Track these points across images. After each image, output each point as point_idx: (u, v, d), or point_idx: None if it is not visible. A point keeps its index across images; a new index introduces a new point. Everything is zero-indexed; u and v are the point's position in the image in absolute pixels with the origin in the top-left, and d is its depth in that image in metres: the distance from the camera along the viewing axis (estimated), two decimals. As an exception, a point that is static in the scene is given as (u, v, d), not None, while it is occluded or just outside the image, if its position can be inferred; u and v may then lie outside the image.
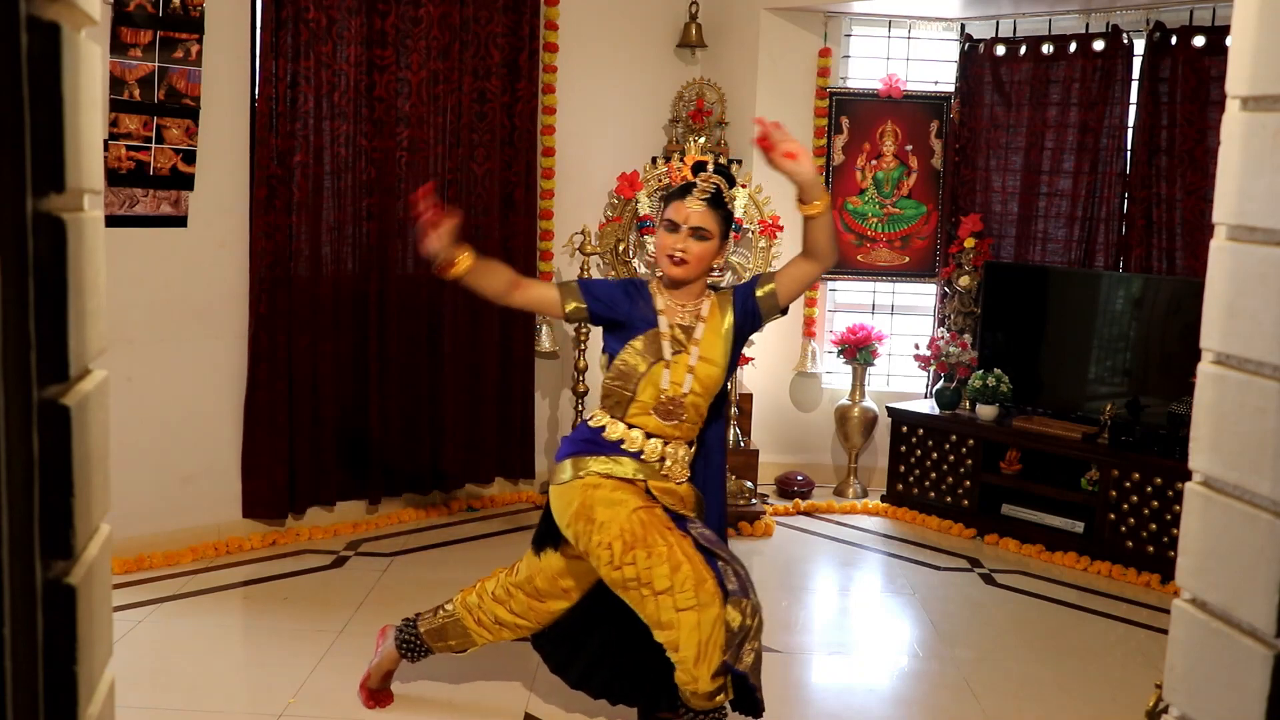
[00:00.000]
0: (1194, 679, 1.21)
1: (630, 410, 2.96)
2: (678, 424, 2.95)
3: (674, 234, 2.92)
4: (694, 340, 2.95)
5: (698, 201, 2.93)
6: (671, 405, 2.92)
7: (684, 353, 2.93)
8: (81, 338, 0.96)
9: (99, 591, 1.03)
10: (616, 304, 2.97)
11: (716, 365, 2.96)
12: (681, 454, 2.98)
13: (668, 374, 2.91)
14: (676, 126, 5.79)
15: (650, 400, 2.93)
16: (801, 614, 4.43)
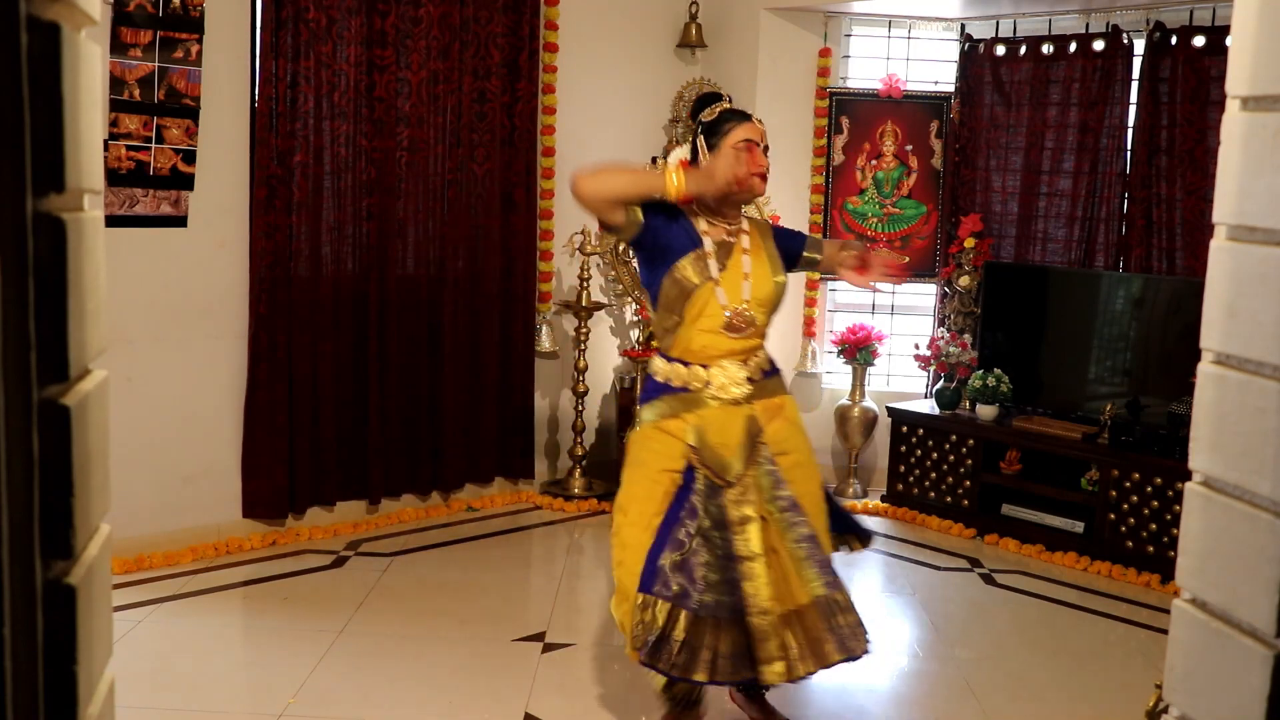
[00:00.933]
0: (1194, 679, 1.21)
1: (676, 339, 2.99)
2: (740, 337, 2.98)
3: (754, 153, 2.99)
4: (743, 250, 3.02)
5: (758, 122, 3.05)
6: (739, 318, 2.96)
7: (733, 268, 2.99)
8: (81, 338, 0.96)
9: (99, 591, 1.03)
10: (667, 225, 2.99)
11: (767, 281, 3.02)
12: (734, 371, 2.98)
13: (722, 291, 2.95)
14: (676, 126, 5.79)
15: (712, 319, 2.95)
16: (801, 614, 4.43)
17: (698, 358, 2.98)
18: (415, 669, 3.63)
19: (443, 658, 3.72)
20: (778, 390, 3.08)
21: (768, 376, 3.06)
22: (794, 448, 3.03)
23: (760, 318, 3.01)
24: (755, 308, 2.99)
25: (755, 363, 3.03)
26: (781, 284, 3.06)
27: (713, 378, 2.97)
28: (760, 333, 3.03)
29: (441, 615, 4.07)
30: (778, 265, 3.06)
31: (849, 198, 5.87)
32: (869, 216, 5.88)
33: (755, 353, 3.03)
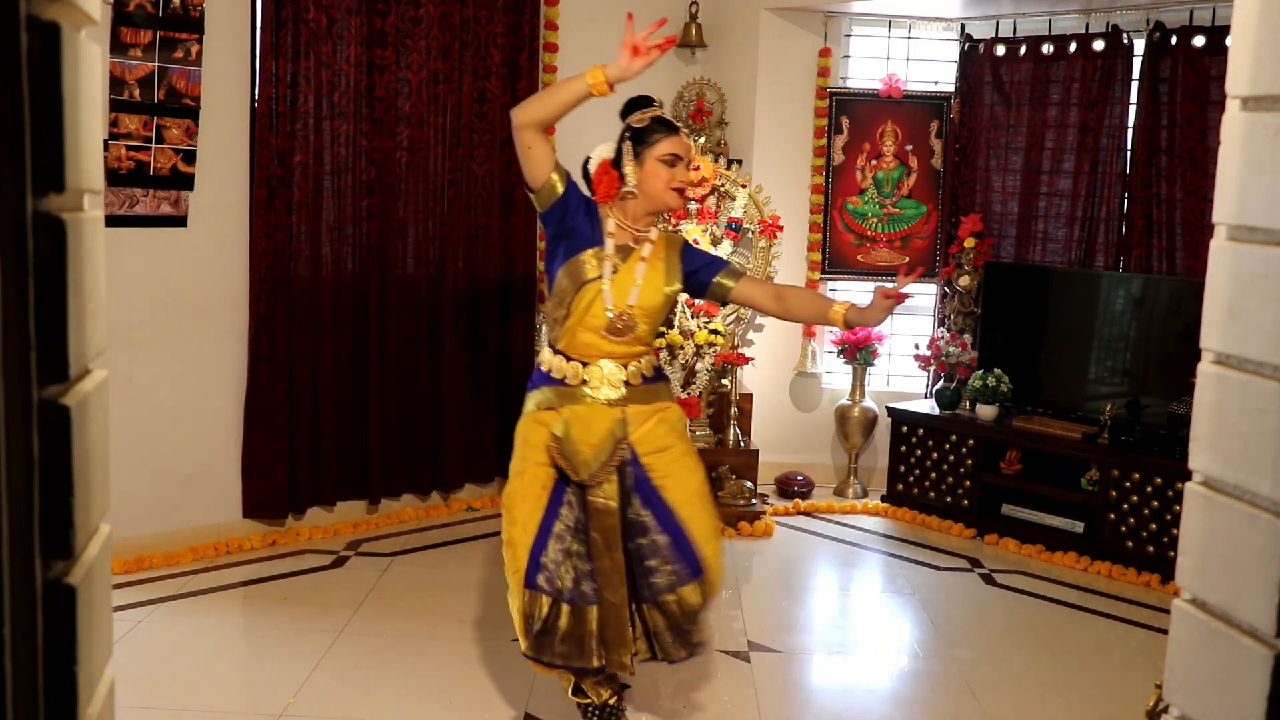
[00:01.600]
0: (1194, 679, 1.21)
1: (563, 331, 3.05)
2: (620, 341, 3.01)
3: (675, 168, 3.02)
4: (641, 258, 3.03)
5: (686, 135, 3.09)
6: (620, 323, 2.99)
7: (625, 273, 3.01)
8: (81, 338, 0.96)
9: (99, 591, 1.03)
10: (576, 212, 3.03)
11: (659, 293, 3.03)
12: (610, 373, 3.02)
13: (609, 293, 2.98)
14: (676, 126, 5.79)
15: (595, 319, 2.99)
16: (801, 614, 4.43)
17: (579, 354, 3.04)
18: (415, 669, 3.63)
19: (442, 658, 3.72)
20: (659, 397, 3.10)
21: (649, 383, 3.08)
22: (671, 444, 3.05)
23: (643, 325, 3.01)
24: (639, 315, 2.99)
25: (636, 368, 3.04)
26: (671, 294, 3.06)
27: (590, 376, 3.02)
28: (643, 340, 3.04)
29: (441, 615, 4.07)
30: (674, 277, 3.06)
31: (849, 198, 5.87)
32: (869, 216, 5.88)
33: (637, 358, 3.05)
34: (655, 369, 3.12)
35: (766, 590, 4.65)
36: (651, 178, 3.01)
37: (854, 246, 5.89)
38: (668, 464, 3.02)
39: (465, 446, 5.29)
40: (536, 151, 2.98)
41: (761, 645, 3.94)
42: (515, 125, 2.97)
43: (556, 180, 2.99)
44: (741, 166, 5.62)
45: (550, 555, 2.94)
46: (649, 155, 3.02)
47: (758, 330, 5.91)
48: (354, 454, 4.96)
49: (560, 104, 2.95)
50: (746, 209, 5.49)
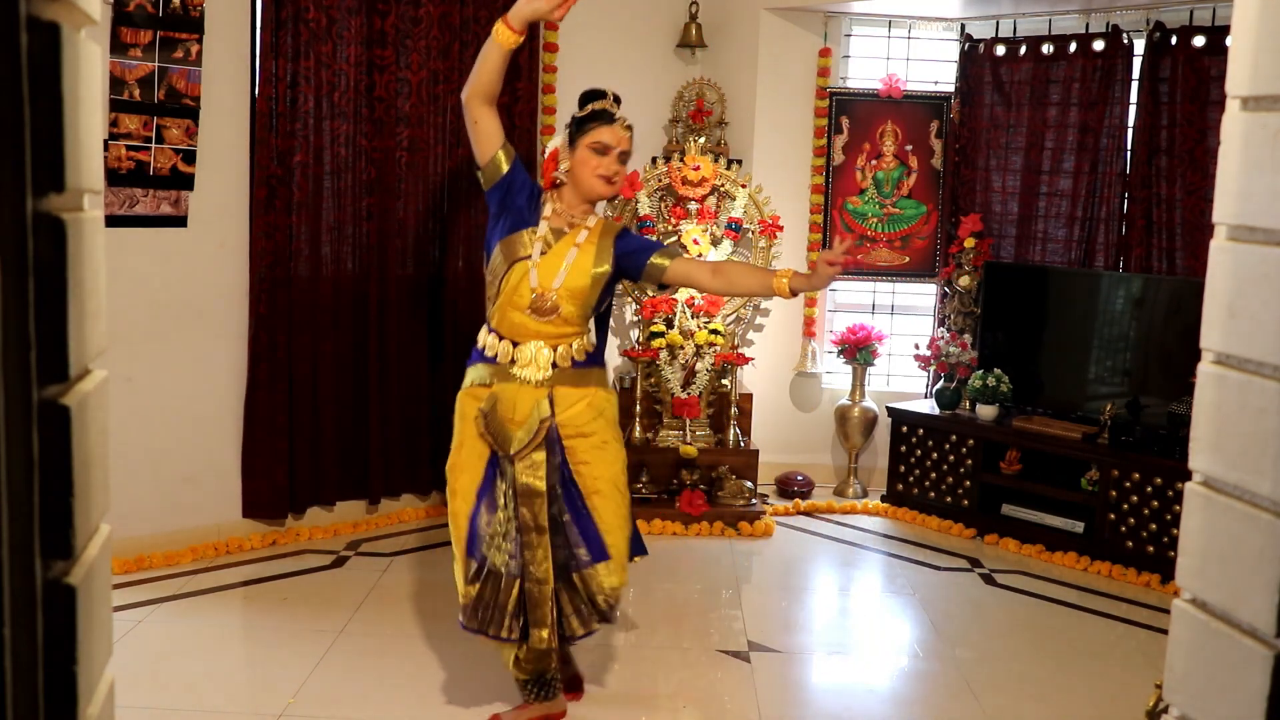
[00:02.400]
0: (1194, 679, 1.21)
1: (495, 309, 3.10)
2: (547, 322, 3.04)
3: (605, 156, 3.08)
4: (574, 244, 3.07)
5: (624, 128, 3.13)
6: (545, 302, 3.03)
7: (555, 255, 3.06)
8: (81, 338, 0.96)
9: (99, 591, 1.03)
10: (519, 192, 3.11)
11: (586, 275, 3.05)
12: (538, 353, 3.06)
13: (536, 273, 3.03)
14: (676, 126, 5.79)
15: (522, 298, 3.04)
16: (801, 614, 4.43)
17: (510, 333, 3.09)
18: (415, 669, 3.63)
19: (442, 658, 3.72)
20: (590, 382, 3.13)
21: (580, 367, 3.11)
22: (595, 430, 3.10)
23: (568, 308, 3.04)
24: (564, 297, 3.03)
25: (566, 351, 3.08)
26: (600, 275, 3.07)
27: (519, 355, 3.08)
28: (572, 322, 3.07)
29: (441, 615, 4.07)
30: (604, 259, 3.09)
31: (849, 198, 5.87)
32: (869, 216, 5.88)
33: (567, 340, 3.08)
34: (589, 354, 3.13)
35: (766, 590, 4.65)
36: (580, 165, 3.09)
37: (854, 246, 5.88)
38: (587, 449, 3.09)
39: (465, 446, 5.29)
40: (483, 126, 3.09)
41: (761, 645, 3.94)
42: (463, 102, 3.09)
43: (502, 158, 3.10)
44: (741, 166, 5.62)
45: (482, 524, 3.06)
46: (581, 143, 3.10)
47: (758, 330, 5.91)
48: (354, 454, 4.96)
49: (484, 67, 3.03)
50: (746, 209, 5.49)
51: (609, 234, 3.14)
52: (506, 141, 3.13)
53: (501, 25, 2.98)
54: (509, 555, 3.05)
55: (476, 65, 3.04)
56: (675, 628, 4.11)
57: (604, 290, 3.12)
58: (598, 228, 3.13)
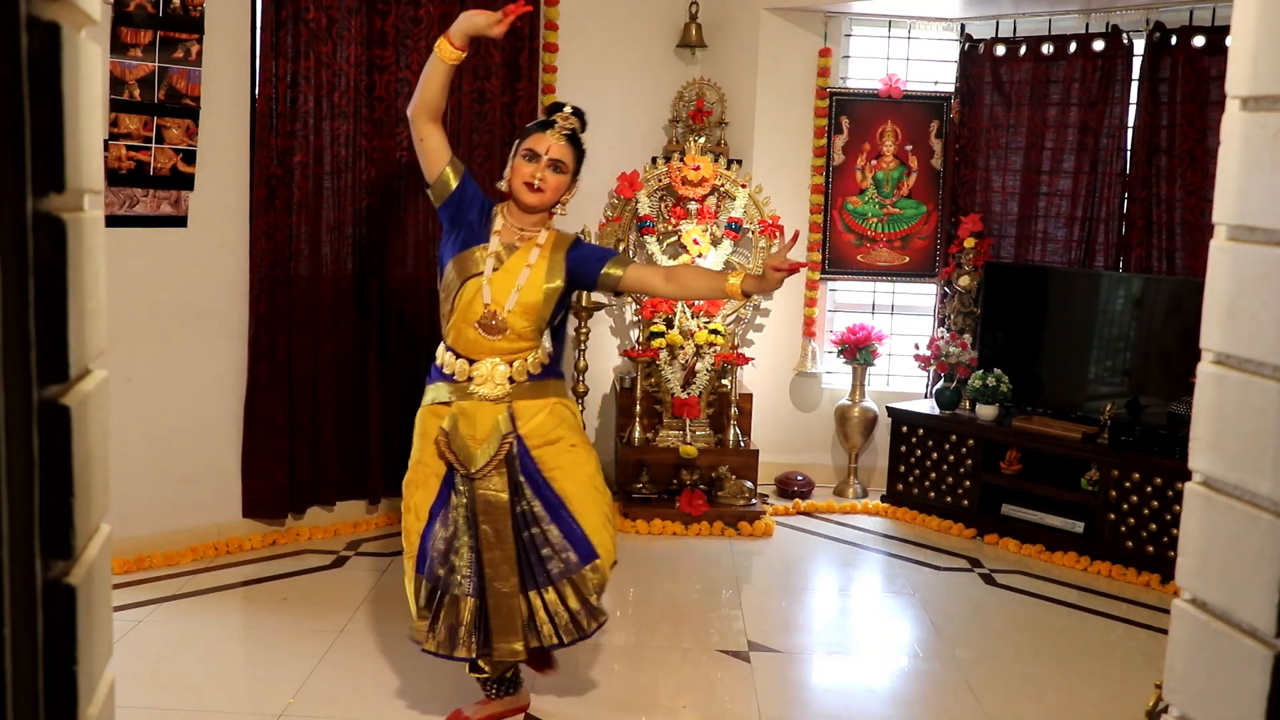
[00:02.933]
0: (1194, 679, 1.21)
1: (450, 326, 3.10)
2: (499, 339, 3.05)
3: (534, 163, 3.07)
4: (526, 263, 3.07)
5: (559, 135, 3.10)
6: (493, 320, 3.03)
7: (508, 271, 3.06)
8: (81, 338, 0.96)
9: (99, 591, 1.03)
10: (470, 207, 3.12)
11: (538, 290, 3.06)
12: (494, 370, 3.07)
13: (488, 289, 3.03)
14: (676, 126, 5.79)
15: (474, 315, 3.04)
16: (801, 614, 4.43)
17: (465, 351, 3.10)
18: (415, 669, 3.63)
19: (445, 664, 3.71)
20: (548, 393, 3.15)
21: (536, 379, 3.12)
22: (560, 436, 3.12)
23: (519, 323, 3.05)
24: (517, 314, 3.04)
25: (522, 365, 3.10)
26: (553, 290, 3.07)
27: (476, 373, 3.08)
28: (525, 337, 3.08)
29: (441, 615, 4.07)
30: (556, 274, 3.09)
31: (849, 198, 5.87)
32: (869, 216, 5.88)
33: (523, 354, 3.10)
34: (545, 366, 3.15)
35: (766, 590, 4.65)
36: (513, 172, 3.10)
37: (854, 246, 5.89)
38: (557, 455, 3.10)
39: (465, 446, 5.29)
40: (429, 143, 3.12)
41: (761, 645, 3.94)
42: (409, 120, 3.10)
43: (450, 174, 3.12)
44: (741, 166, 5.62)
45: (434, 542, 3.06)
46: (516, 151, 3.12)
47: (758, 330, 5.91)
48: (354, 454, 4.96)
49: (428, 84, 3.04)
50: (746, 209, 5.49)
51: (560, 247, 3.13)
52: (454, 157, 3.15)
53: (444, 41, 2.99)
54: (461, 576, 3.05)
55: (420, 82, 3.05)
56: (675, 628, 4.11)
57: (558, 304, 3.13)
58: (549, 242, 3.13)
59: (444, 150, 3.13)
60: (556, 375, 3.21)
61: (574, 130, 3.15)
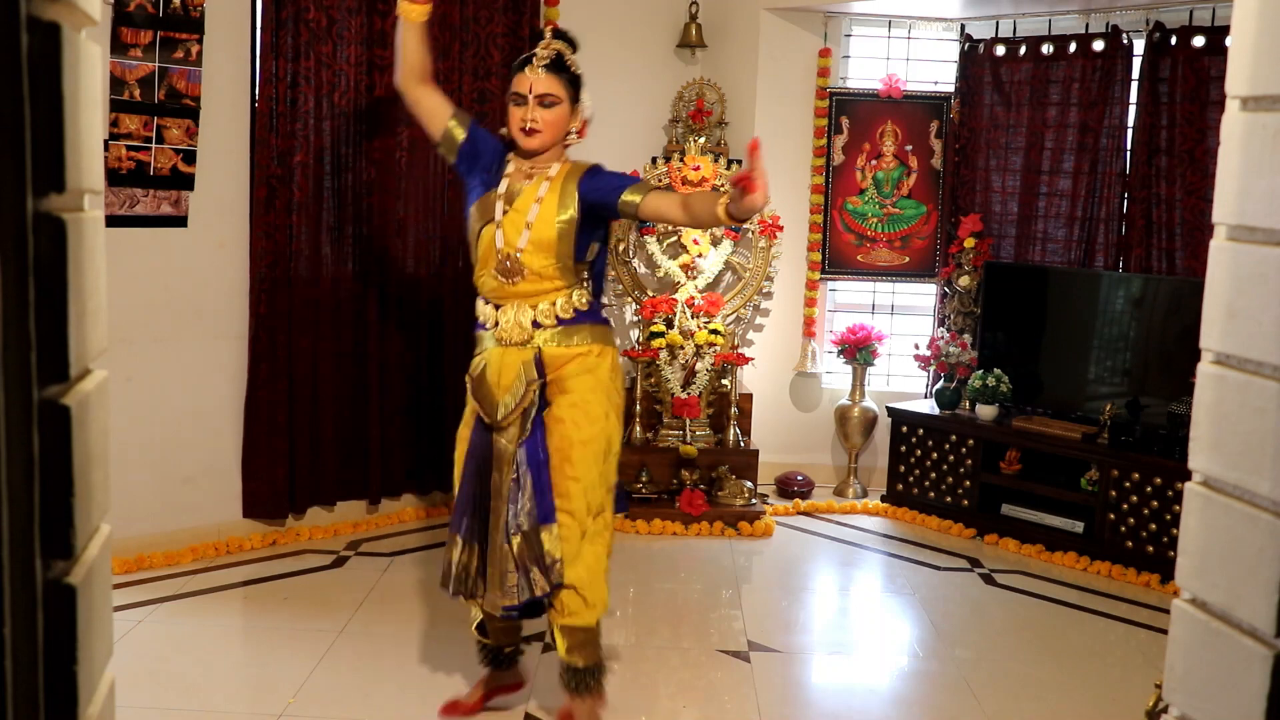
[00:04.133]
0: (1194, 679, 1.21)
1: (476, 275, 3.05)
2: (520, 281, 2.96)
3: (522, 106, 2.98)
4: (535, 198, 2.97)
5: (538, 69, 2.99)
6: (508, 262, 2.95)
7: (517, 211, 2.97)
8: (81, 338, 0.96)
9: (99, 591, 1.03)
10: (482, 154, 3.05)
11: (549, 224, 2.93)
12: (519, 314, 2.97)
13: (500, 233, 2.96)
14: (676, 126, 5.79)
15: (492, 260, 2.98)
16: (801, 614, 4.43)
17: (491, 297, 3.03)
18: (415, 669, 3.63)
19: (442, 658, 3.72)
20: (585, 340, 3.00)
21: (567, 323, 2.98)
22: (575, 388, 2.96)
23: (536, 261, 2.93)
24: (531, 252, 2.93)
25: (549, 308, 2.97)
26: (566, 222, 2.93)
27: (501, 318, 3.00)
28: (548, 277, 2.95)
29: (441, 615, 4.07)
30: (568, 205, 2.95)
31: (849, 198, 5.87)
32: (869, 216, 5.88)
33: (549, 296, 2.97)
34: (580, 311, 3.00)
35: (766, 590, 4.65)
36: (509, 120, 3.03)
37: (854, 246, 5.89)
38: (564, 407, 2.96)
39: (465, 446, 5.29)
40: (425, 104, 3.08)
41: (761, 645, 3.94)
42: (401, 92, 3.08)
43: (455, 126, 3.06)
44: (741, 166, 5.61)
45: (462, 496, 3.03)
46: (508, 100, 3.05)
47: (758, 330, 5.91)
48: (354, 454, 4.96)
49: (404, 49, 3.06)
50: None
51: (574, 176, 2.99)
52: (457, 109, 3.09)
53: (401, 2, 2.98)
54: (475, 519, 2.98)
55: (395, 49, 3.02)
56: (675, 628, 4.11)
57: (580, 237, 2.96)
58: (561, 173, 3.00)
59: (444, 106, 3.07)
60: (595, 320, 3.04)
61: (557, 55, 3.02)
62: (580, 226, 2.96)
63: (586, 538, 2.96)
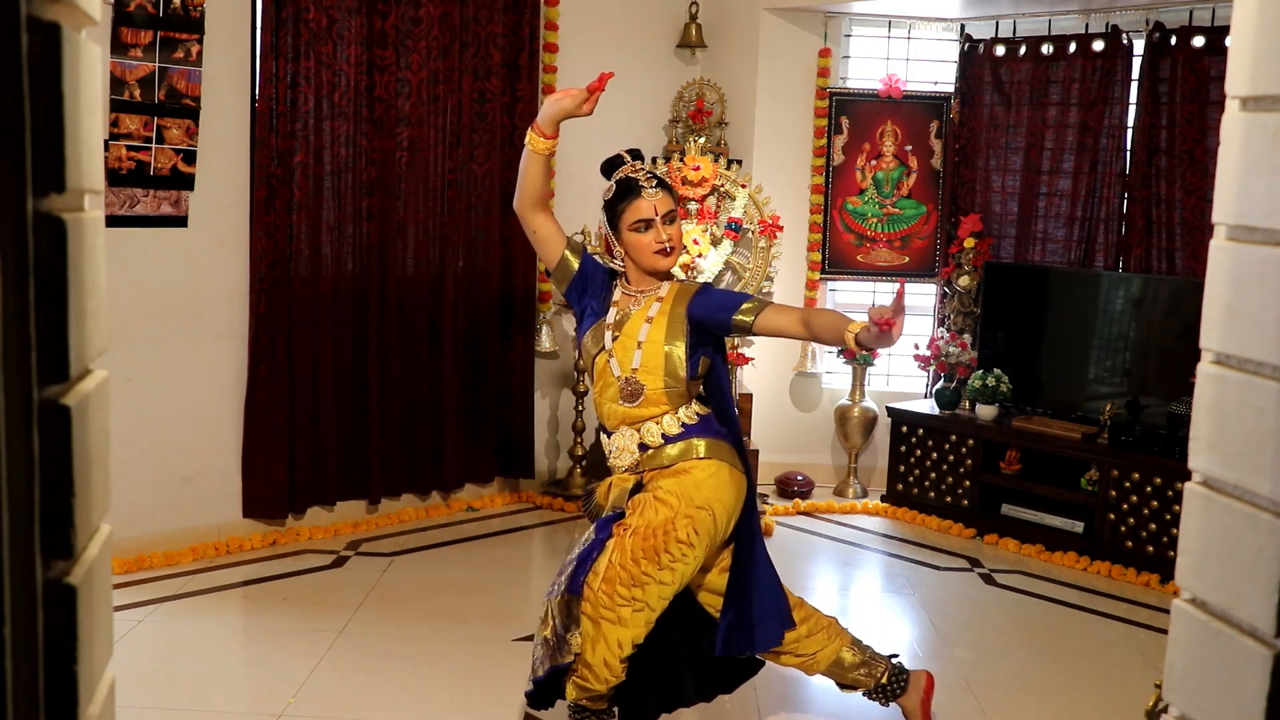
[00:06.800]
0: (1194, 679, 1.21)
1: (597, 405, 3.03)
2: (639, 404, 2.92)
3: (651, 230, 2.91)
4: (645, 318, 2.94)
5: (652, 189, 2.93)
6: (629, 386, 2.92)
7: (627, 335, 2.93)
8: (81, 338, 0.96)
9: (99, 591, 1.03)
10: (591, 282, 3.02)
11: (658, 348, 2.90)
12: (627, 438, 2.95)
13: (613, 360, 2.94)
14: (676, 126, 5.79)
15: (610, 388, 2.95)
16: (801, 614, 4.43)
17: (607, 424, 3.02)
18: (415, 669, 3.63)
19: (443, 658, 3.72)
20: (685, 454, 2.90)
21: (675, 440, 2.92)
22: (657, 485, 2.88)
23: (652, 383, 2.90)
24: (645, 371, 2.90)
25: (655, 429, 2.93)
26: (675, 353, 2.89)
27: (614, 444, 2.99)
28: (657, 400, 2.91)
29: (441, 615, 4.07)
30: (677, 332, 2.90)
31: (849, 198, 5.87)
32: (869, 216, 5.88)
33: (657, 419, 2.93)
34: (687, 426, 2.93)
35: (766, 590, 4.64)
36: (633, 249, 2.95)
37: (854, 246, 5.89)
38: (640, 499, 2.89)
39: (465, 446, 5.29)
40: (543, 234, 3.02)
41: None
42: (518, 215, 3.04)
43: (570, 257, 3.02)
44: (741, 166, 5.62)
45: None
46: (622, 227, 2.95)
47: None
48: (354, 454, 4.96)
49: (526, 176, 3.00)
50: (746, 209, 5.49)
51: (683, 299, 2.93)
52: (570, 239, 3.04)
53: (532, 133, 2.94)
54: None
55: (520, 175, 2.99)
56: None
57: (691, 358, 2.91)
58: (670, 295, 2.95)
59: (558, 234, 3.02)
60: (708, 434, 2.93)
61: (659, 176, 3.00)
62: (690, 348, 2.93)
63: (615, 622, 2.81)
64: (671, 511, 2.82)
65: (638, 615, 2.80)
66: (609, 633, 2.79)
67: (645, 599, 2.80)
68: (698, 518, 2.83)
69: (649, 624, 2.84)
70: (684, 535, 2.81)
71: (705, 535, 2.85)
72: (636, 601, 2.80)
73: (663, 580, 2.80)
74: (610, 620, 2.79)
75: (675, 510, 2.82)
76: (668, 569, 2.80)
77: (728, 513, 2.91)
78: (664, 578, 2.80)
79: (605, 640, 2.80)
